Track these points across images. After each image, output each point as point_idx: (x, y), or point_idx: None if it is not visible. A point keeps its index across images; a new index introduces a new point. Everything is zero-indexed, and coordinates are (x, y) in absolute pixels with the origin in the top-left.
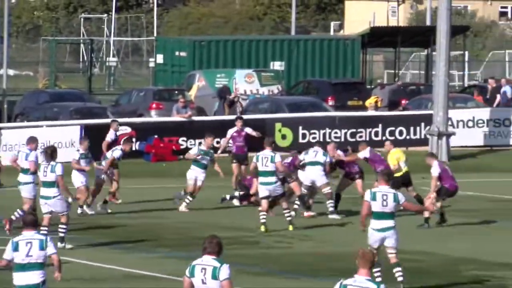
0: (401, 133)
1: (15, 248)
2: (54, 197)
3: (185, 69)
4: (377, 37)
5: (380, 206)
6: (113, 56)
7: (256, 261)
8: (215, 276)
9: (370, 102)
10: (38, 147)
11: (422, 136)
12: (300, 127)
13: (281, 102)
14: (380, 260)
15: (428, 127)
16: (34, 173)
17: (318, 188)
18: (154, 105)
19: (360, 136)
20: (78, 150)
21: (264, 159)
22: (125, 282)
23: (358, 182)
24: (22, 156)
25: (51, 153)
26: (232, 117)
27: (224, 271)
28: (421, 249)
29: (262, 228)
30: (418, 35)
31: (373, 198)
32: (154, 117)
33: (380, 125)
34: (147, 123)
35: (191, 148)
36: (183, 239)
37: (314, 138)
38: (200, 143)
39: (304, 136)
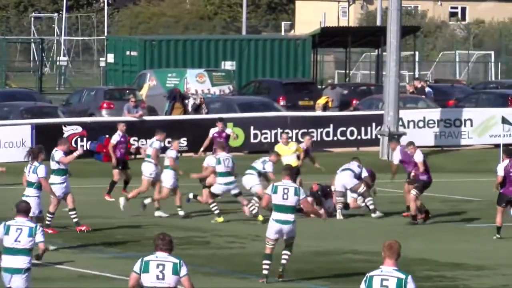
0: (352, 133)
1: (6, 232)
2: (28, 196)
3: (136, 69)
4: (328, 37)
5: (281, 199)
6: (64, 55)
7: (208, 261)
8: (176, 272)
9: (319, 102)
10: (68, 148)
11: (373, 136)
12: (252, 127)
13: (233, 102)
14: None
15: (379, 127)
16: (65, 171)
17: (352, 189)
18: (105, 105)
19: (312, 136)
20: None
21: (226, 160)
22: (78, 282)
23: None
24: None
25: (35, 153)
26: (184, 116)
27: (185, 268)
28: (373, 250)
29: (220, 219)
30: (369, 36)
31: (275, 191)
32: (105, 116)
33: (331, 125)
34: (98, 122)
35: (143, 147)
36: (135, 239)
37: (265, 138)
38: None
39: (255, 136)
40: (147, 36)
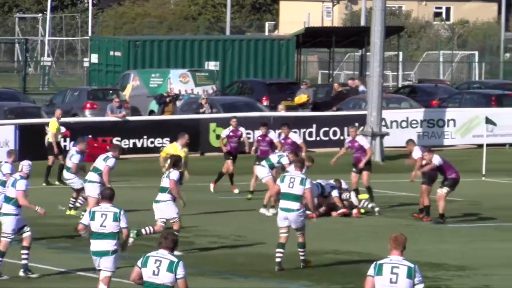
0: (335, 133)
1: (92, 217)
2: (162, 201)
3: (119, 69)
4: (312, 37)
5: (287, 187)
6: (48, 55)
7: (191, 261)
8: (171, 269)
9: (297, 102)
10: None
11: None
12: None
13: (216, 102)
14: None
15: (362, 128)
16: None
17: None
18: (88, 105)
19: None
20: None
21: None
22: (61, 282)
23: (365, 173)
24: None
25: (174, 162)
26: (167, 117)
27: (181, 269)
28: (355, 250)
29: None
30: (353, 36)
31: (282, 180)
32: (88, 116)
33: (314, 126)
34: (82, 122)
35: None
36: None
37: (249, 138)
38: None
39: None
40: (131, 37)
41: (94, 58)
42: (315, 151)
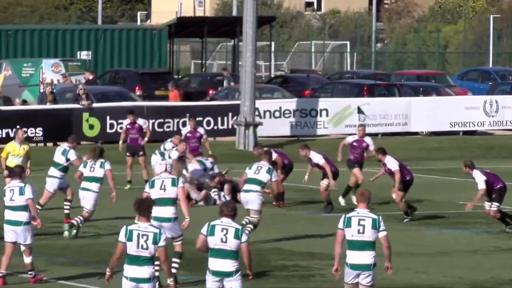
0: (208, 123)
1: (4, 193)
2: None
3: None
4: (184, 27)
5: (253, 174)
6: None
7: (63, 251)
8: (237, 236)
9: None
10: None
11: (230, 126)
12: (108, 117)
13: (88, 91)
14: None
15: (235, 117)
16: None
17: None
18: None
19: (168, 126)
20: None
21: None
22: None
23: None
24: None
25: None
26: (38, 106)
27: (245, 235)
28: None
29: None
30: (225, 26)
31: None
32: None
33: (188, 116)
34: None
35: None
36: None
37: (121, 128)
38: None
39: (112, 126)
40: (3, 26)
41: None
42: None
